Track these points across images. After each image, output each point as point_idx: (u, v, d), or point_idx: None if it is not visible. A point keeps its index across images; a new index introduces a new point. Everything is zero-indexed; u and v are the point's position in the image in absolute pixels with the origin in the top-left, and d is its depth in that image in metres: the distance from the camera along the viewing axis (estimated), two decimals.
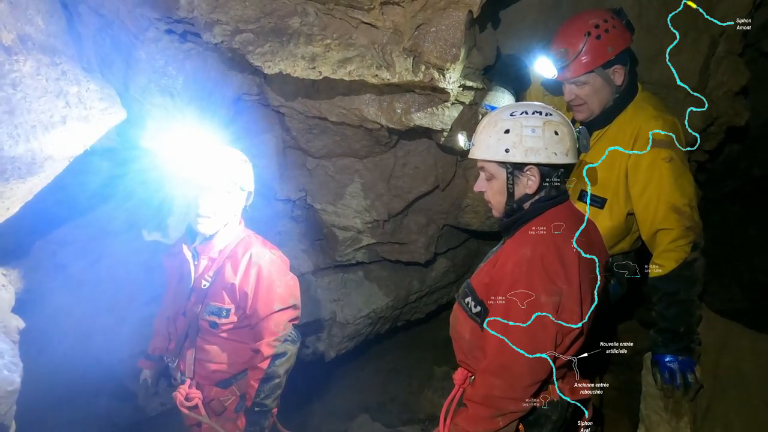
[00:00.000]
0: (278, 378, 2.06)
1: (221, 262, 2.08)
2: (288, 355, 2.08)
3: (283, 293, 2.08)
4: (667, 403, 1.99)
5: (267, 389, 2.05)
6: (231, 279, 2.05)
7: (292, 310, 2.12)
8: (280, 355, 2.05)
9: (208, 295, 2.08)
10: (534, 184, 1.57)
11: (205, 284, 2.08)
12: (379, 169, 2.95)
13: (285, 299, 2.08)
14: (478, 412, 1.55)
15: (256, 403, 2.05)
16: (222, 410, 2.15)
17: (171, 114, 2.35)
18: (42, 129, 1.53)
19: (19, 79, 1.50)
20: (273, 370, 2.04)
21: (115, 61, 2.19)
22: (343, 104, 2.51)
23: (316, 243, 3.22)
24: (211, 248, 2.09)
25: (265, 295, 2.04)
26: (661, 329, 2.03)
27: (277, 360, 2.04)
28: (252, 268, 2.05)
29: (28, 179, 1.65)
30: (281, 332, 2.06)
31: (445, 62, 2.18)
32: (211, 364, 2.13)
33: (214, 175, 1.98)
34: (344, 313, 3.24)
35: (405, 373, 3.92)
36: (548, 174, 1.57)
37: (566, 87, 2.12)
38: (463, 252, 3.67)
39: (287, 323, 2.09)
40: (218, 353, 2.12)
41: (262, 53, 2.02)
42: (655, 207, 2.03)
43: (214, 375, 2.14)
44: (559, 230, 1.56)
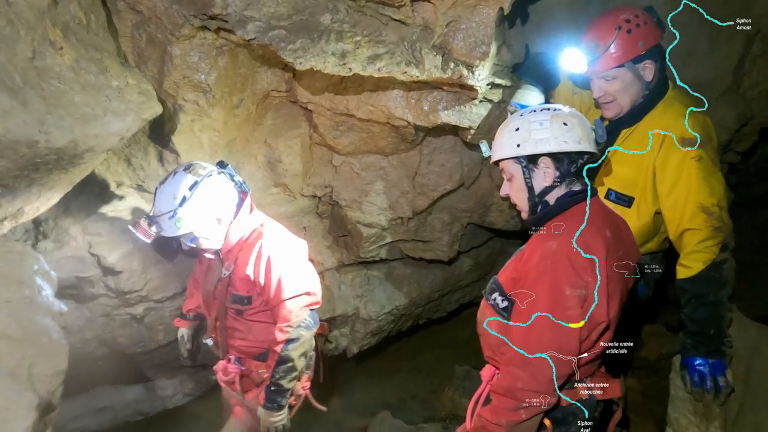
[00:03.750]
0: (291, 361, 2.11)
1: (236, 254, 2.15)
2: (301, 341, 2.12)
3: (293, 281, 2.11)
4: (697, 406, 1.96)
5: (281, 371, 2.12)
6: (244, 269, 2.12)
7: (306, 297, 2.14)
8: (293, 340, 2.10)
9: (230, 284, 2.18)
10: (550, 175, 1.59)
11: (225, 273, 2.18)
12: (405, 166, 2.97)
13: (295, 287, 2.11)
14: (501, 404, 1.56)
15: (273, 382, 2.14)
16: (261, 381, 2.26)
17: (203, 110, 2.40)
18: (84, 121, 1.58)
19: (63, 73, 1.55)
20: (286, 354, 2.10)
21: (150, 56, 2.24)
22: (370, 101, 2.53)
23: (340, 239, 3.25)
24: (228, 242, 2.16)
25: (275, 284, 2.09)
26: (690, 332, 2.00)
27: (290, 345, 2.10)
28: (262, 258, 2.10)
29: (69, 170, 1.72)
30: (294, 319, 2.10)
31: (474, 59, 2.19)
32: (244, 341, 2.24)
33: (170, 232, 2.02)
34: (367, 309, 3.26)
35: (426, 371, 3.92)
36: (564, 164, 1.58)
37: (595, 83, 2.10)
38: (486, 251, 3.66)
39: (301, 309, 2.13)
40: (249, 332, 2.23)
41: (294, 50, 2.05)
42: (683, 206, 2.00)
43: (250, 350, 2.26)
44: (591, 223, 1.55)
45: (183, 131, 2.43)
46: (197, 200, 2.01)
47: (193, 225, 2.03)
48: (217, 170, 2.12)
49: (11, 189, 1.58)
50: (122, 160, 2.46)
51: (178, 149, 2.47)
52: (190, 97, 2.34)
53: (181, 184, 2.01)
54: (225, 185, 2.13)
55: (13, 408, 0.93)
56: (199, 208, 2.02)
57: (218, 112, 2.44)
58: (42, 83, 1.48)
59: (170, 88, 2.29)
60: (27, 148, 1.43)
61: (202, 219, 2.05)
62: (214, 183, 2.08)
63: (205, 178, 2.04)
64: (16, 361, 1.02)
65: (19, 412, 0.93)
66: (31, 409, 0.96)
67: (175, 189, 2.00)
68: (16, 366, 1.02)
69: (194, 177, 2.03)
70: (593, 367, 1.65)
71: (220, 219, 2.10)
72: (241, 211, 2.14)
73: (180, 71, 2.26)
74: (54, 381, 1.06)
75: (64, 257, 2.40)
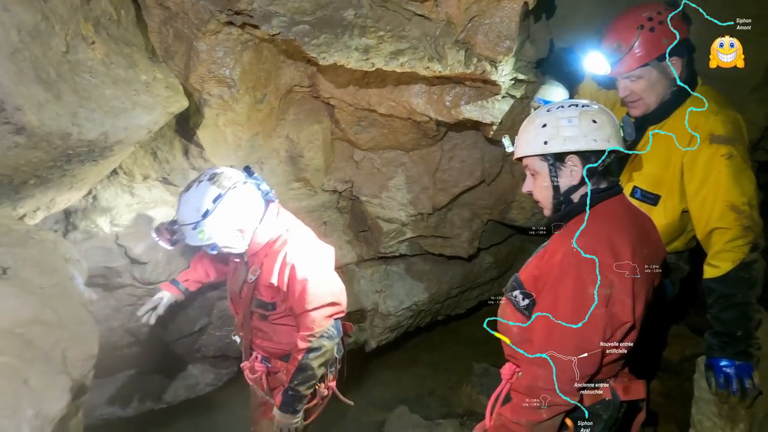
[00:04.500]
0: (311, 370, 2.10)
1: (262, 260, 2.13)
2: (323, 350, 2.09)
3: (318, 291, 2.07)
4: (722, 408, 1.92)
5: (300, 378, 2.11)
6: (269, 277, 2.09)
7: (330, 307, 2.11)
8: (315, 349, 2.08)
9: (255, 289, 2.17)
10: (577, 174, 1.57)
11: (251, 278, 2.16)
12: (425, 162, 2.97)
13: (320, 297, 2.07)
14: (522, 403, 1.55)
15: (290, 387, 2.13)
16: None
17: (227, 104, 2.43)
18: (114, 114, 1.62)
19: (95, 67, 1.59)
20: (306, 362, 2.09)
21: (177, 51, 2.28)
22: (392, 96, 2.54)
23: (360, 234, 3.26)
24: (253, 248, 2.14)
25: (299, 294, 2.05)
26: (716, 332, 1.96)
27: (311, 354, 2.08)
28: (286, 267, 2.06)
29: (99, 162, 1.76)
30: (317, 329, 2.07)
31: (497, 55, 2.18)
32: (269, 342, 2.25)
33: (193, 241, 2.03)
34: (386, 304, 3.27)
35: (444, 367, 3.93)
36: (590, 161, 1.55)
37: (620, 82, 2.07)
38: (506, 249, 3.64)
39: (324, 319, 2.09)
40: (274, 334, 2.24)
41: (317, 44, 2.06)
42: (712, 205, 1.96)
43: (275, 351, 2.26)
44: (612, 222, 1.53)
45: (208, 125, 2.47)
46: (220, 213, 1.99)
47: (215, 236, 2.02)
48: (243, 180, 2.09)
49: (45, 180, 1.63)
50: (149, 154, 2.51)
51: (202, 143, 2.51)
52: (215, 91, 2.37)
53: (206, 196, 1.99)
54: (250, 196, 2.09)
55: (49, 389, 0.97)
56: (222, 220, 2.00)
57: (242, 107, 2.47)
58: (75, 77, 1.52)
59: (196, 82, 2.33)
60: (60, 139, 1.47)
61: (225, 231, 2.03)
62: (239, 195, 2.04)
63: (230, 191, 2.01)
64: (51, 345, 1.06)
65: (55, 393, 0.97)
66: (66, 391, 0.99)
67: (199, 201, 1.99)
68: (51, 350, 1.05)
69: (218, 189, 2.00)
70: (617, 367, 1.63)
71: (243, 230, 2.08)
72: (266, 216, 2.12)
73: (205, 66, 2.29)
74: (86, 365, 1.10)
75: (92, 247, 2.46)
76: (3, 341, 0.99)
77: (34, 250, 1.35)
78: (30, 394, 0.93)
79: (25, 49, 1.37)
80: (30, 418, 0.89)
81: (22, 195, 1.61)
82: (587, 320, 1.47)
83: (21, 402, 0.90)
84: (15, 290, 1.13)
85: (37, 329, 1.08)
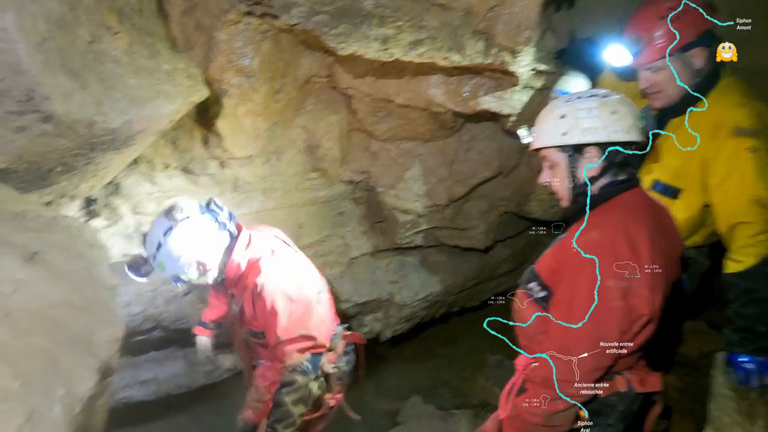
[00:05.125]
0: (284, 406, 2.00)
1: (240, 291, 2.09)
2: (295, 386, 2.00)
3: (287, 325, 1.98)
4: (741, 404, 1.90)
5: (276, 414, 2.02)
6: (247, 308, 2.06)
7: (302, 340, 2.01)
8: (286, 384, 2.01)
9: (243, 319, 2.13)
10: (596, 166, 1.55)
11: (235, 309, 2.14)
12: (442, 153, 2.96)
13: (289, 330, 1.99)
14: (537, 394, 1.55)
15: (268, 423, 2.04)
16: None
17: (246, 94, 2.45)
18: (138, 104, 1.65)
19: (119, 56, 1.62)
20: (279, 398, 2.01)
21: (197, 41, 2.30)
22: (410, 87, 2.53)
23: (376, 225, 3.28)
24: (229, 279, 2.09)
25: (271, 327, 2.00)
26: (737, 328, 1.94)
27: (283, 388, 2.01)
28: (257, 299, 2.00)
29: (122, 150, 1.79)
30: (289, 362, 2.01)
31: (517, 45, 2.16)
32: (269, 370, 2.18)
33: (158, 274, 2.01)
34: (401, 295, 3.29)
35: (458, 358, 3.94)
36: (611, 154, 1.54)
37: (641, 74, 2.03)
38: (523, 241, 3.62)
39: (296, 353, 2.01)
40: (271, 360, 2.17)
41: (336, 34, 2.07)
42: (735, 199, 1.92)
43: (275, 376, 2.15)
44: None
45: (227, 115, 2.49)
46: (171, 246, 1.94)
47: (172, 269, 1.97)
48: (201, 211, 2.02)
49: (70, 167, 1.67)
50: (169, 143, 2.54)
51: (221, 133, 2.54)
52: (234, 81, 2.39)
53: (157, 228, 1.97)
54: (205, 227, 2.00)
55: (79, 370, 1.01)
56: (173, 253, 1.94)
57: (261, 97, 2.49)
58: (99, 66, 1.55)
59: (216, 72, 2.35)
60: (86, 128, 1.51)
61: (181, 263, 1.97)
62: (190, 227, 1.96)
63: (180, 223, 1.95)
64: (79, 328, 1.10)
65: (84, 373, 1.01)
66: (94, 371, 1.03)
67: (154, 233, 1.97)
68: (79, 332, 1.09)
69: (170, 222, 1.95)
70: (633, 360, 1.62)
71: (203, 262, 2.01)
72: (235, 246, 2.04)
73: (225, 56, 2.31)
74: (112, 347, 1.13)
75: (114, 234, 2.52)
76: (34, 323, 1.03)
77: (61, 235, 1.39)
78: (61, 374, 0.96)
79: (51, 39, 1.40)
80: (61, 397, 0.93)
81: (49, 182, 1.66)
82: (604, 313, 1.47)
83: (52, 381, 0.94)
84: (44, 274, 1.17)
85: (65, 312, 1.11)
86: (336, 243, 3.22)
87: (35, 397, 0.89)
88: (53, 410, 0.90)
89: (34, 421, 0.85)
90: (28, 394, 0.88)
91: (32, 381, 0.91)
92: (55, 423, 0.89)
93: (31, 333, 0.99)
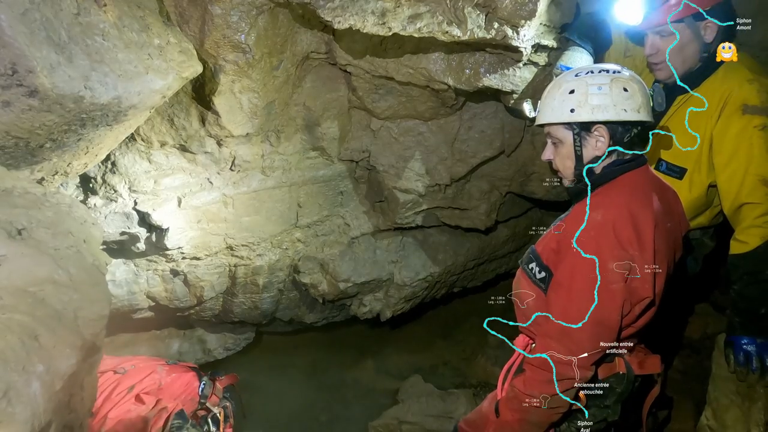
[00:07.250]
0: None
1: None
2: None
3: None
4: (740, 386, 1.89)
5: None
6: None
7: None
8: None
9: None
10: (603, 145, 1.50)
11: None
12: (444, 132, 2.91)
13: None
14: (535, 375, 1.54)
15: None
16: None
17: (242, 70, 2.40)
18: (127, 78, 1.61)
19: (107, 30, 1.58)
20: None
21: (192, 16, 2.24)
22: (410, 63, 2.47)
23: (376, 205, 3.25)
24: None
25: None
26: (739, 310, 1.91)
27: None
28: None
29: (114, 127, 1.76)
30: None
31: (519, 19, 2.09)
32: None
33: None
34: (402, 274, 3.27)
35: (459, 338, 3.94)
36: (619, 133, 1.49)
37: (649, 38, 1.96)
38: (524, 222, 3.58)
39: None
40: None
41: (333, 8, 2.01)
42: (742, 178, 1.88)
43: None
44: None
45: (223, 92, 2.45)
46: None
47: None
48: None
49: (61, 144, 1.64)
50: (165, 120, 2.51)
51: (218, 110, 2.49)
52: (230, 57, 2.34)
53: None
54: None
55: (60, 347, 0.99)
56: None
57: (258, 74, 2.44)
58: (87, 39, 1.51)
59: (211, 47, 2.30)
60: (73, 103, 1.47)
61: None
62: None
63: None
64: (63, 305, 1.08)
65: (65, 350, 1.00)
66: (75, 349, 1.02)
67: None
68: (63, 309, 1.08)
69: None
70: (634, 342, 1.60)
71: None
72: None
73: (220, 31, 2.26)
74: (97, 325, 1.12)
75: (111, 213, 2.51)
76: (16, 299, 1.01)
77: (50, 212, 1.37)
78: (40, 350, 0.95)
79: (35, 9, 1.36)
80: (40, 373, 0.92)
81: (39, 158, 1.63)
82: (605, 294, 1.44)
83: (31, 357, 0.92)
84: (29, 250, 1.16)
85: (49, 289, 1.10)
86: (336, 223, 3.19)
87: (12, 372, 0.88)
88: (31, 386, 0.89)
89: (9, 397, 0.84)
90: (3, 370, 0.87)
91: (9, 357, 0.90)
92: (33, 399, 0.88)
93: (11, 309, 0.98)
